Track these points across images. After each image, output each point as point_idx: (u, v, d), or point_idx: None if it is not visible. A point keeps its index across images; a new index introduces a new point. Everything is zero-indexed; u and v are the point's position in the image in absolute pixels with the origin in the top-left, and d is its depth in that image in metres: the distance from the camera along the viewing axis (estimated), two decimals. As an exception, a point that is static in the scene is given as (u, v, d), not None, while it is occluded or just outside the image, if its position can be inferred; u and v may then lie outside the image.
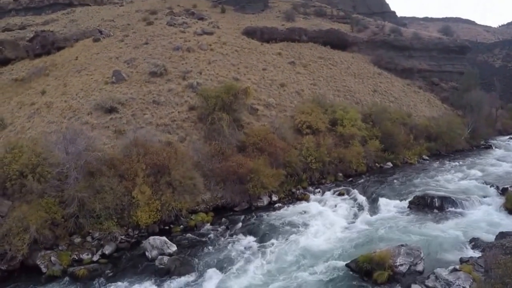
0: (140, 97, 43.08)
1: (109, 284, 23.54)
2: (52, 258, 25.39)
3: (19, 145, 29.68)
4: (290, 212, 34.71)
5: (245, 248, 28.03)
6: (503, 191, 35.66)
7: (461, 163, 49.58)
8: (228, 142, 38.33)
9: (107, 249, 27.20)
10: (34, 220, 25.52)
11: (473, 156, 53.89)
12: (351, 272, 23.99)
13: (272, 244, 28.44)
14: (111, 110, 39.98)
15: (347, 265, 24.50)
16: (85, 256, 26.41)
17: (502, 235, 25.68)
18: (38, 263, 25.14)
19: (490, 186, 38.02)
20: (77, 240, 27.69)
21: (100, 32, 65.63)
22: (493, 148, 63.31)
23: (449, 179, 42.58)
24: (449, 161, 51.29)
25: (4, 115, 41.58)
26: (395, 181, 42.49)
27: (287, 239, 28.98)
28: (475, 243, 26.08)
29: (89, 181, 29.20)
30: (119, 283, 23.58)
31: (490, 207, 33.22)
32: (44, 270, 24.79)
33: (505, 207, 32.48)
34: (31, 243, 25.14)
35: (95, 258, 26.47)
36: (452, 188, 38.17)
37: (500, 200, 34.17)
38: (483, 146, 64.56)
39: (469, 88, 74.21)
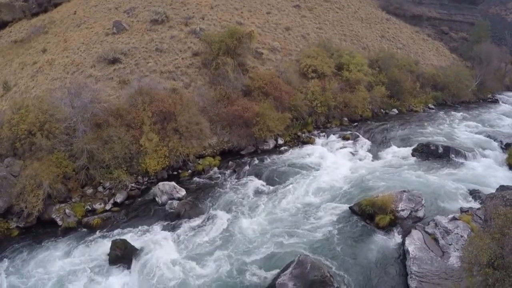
0: (143, 46, 42.37)
1: (123, 230, 24.59)
2: (67, 211, 26.19)
3: (25, 105, 29.67)
4: (295, 155, 35.51)
5: (252, 190, 28.99)
6: (506, 146, 36.09)
7: (466, 114, 49.50)
8: (233, 87, 38.42)
9: (119, 198, 28.03)
10: (46, 175, 26.10)
11: (479, 109, 53.73)
12: (354, 215, 24.98)
13: (278, 186, 29.39)
14: (114, 61, 39.54)
15: (350, 208, 25.44)
16: (98, 206, 27.21)
17: (502, 188, 26.00)
18: (54, 216, 25.97)
19: (494, 140, 38.16)
20: (89, 191, 28.45)
21: (97, -17, 63.20)
22: (500, 102, 62.74)
23: (453, 129, 42.77)
24: (455, 111, 51.17)
25: (7, 77, 41.18)
26: (400, 127, 42.72)
27: (292, 182, 29.88)
28: (475, 194, 26.66)
29: (97, 132, 29.63)
30: (132, 229, 24.64)
31: (492, 161, 33.52)
32: (59, 223, 25.64)
33: (507, 162, 32.86)
34: (45, 198, 25.89)
35: (107, 207, 27.36)
36: (456, 139, 38.46)
37: (503, 154, 34.58)
38: (489, 100, 63.96)
39: (479, 40, 72.41)
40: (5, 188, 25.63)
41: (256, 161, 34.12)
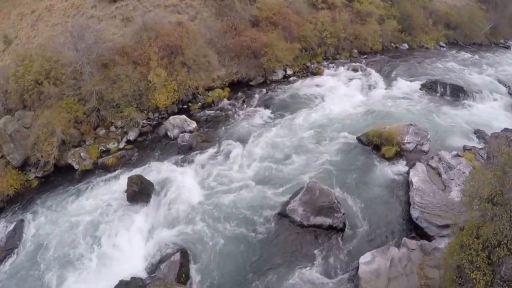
0: (144, -20, 40.57)
1: (138, 166, 25.57)
2: (82, 154, 26.82)
3: (28, 55, 29.10)
4: (304, 85, 35.65)
5: (261, 120, 29.79)
6: (514, 92, 35.47)
7: (477, 56, 47.77)
8: (241, 17, 37.49)
9: (131, 135, 28.69)
10: (58, 122, 26.39)
11: (490, 53, 51.56)
12: (361, 145, 25.83)
13: (287, 116, 30.11)
14: (115, -1, 37.98)
15: (358, 138, 26.26)
16: (111, 146, 27.86)
17: (507, 130, 26.27)
18: (70, 161, 26.62)
19: (503, 85, 37.25)
20: (102, 132, 28.94)
21: None
22: (511, 49, 60.14)
23: (463, 69, 41.46)
24: (465, 52, 49.41)
25: (6, 31, 39.36)
26: (409, 62, 41.93)
27: (302, 111, 30.56)
28: (479, 134, 26.98)
29: (104, 73, 29.50)
30: (147, 164, 25.64)
31: (498, 105, 33.19)
32: (76, 167, 26.33)
33: (513, 108, 32.63)
34: (60, 145, 26.39)
35: (121, 146, 28.04)
36: (464, 79, 37.61)
37: (510, 99, 34.11)
38: (501, 45, 60.88)
39: (496, -17, 67.56)
40: (19, 141, 26.00)
41: (265, 92, 34.43)
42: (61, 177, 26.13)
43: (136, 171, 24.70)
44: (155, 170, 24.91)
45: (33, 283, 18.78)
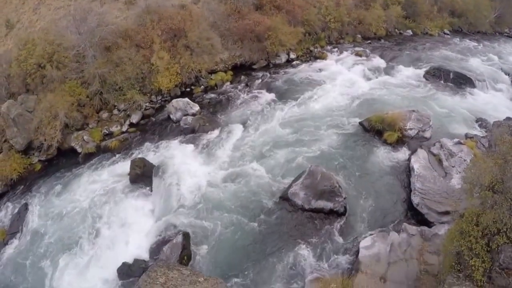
0: (146, -37, 39.96)
1: (141, 149, 25.75)
2: (85, 137, 26.93)
3: (30, 39, 29.00)
4: (307, 69, 35.54)
5: (264, 103, 29.69)
6: (518, 81, 35.04)
7: (481, 45, 47.32)
8: (244, 1, 37.28)
9: (134, 118, 28.78)
10: (61, 105, 26.40)
11: (494, 41, 51.03)
12: (363, 130, 25.79)
13: (290, 100, 30.06)
14: (118, -18, 37.51)
15: (360, 123, 26.20)
16: (114, 129, 28.03)
17: (508, 119, 26.05)
18: (73, 145, 26.74)
19: (506, 74, 36.81)
20: (105, 115, 29.03)
21: None
22: None
23: (466, 57, 40.97)
24: (470, 40, 49.11)
25: (9, 15, 39.02)
26: (413, 49, 41.66)
27: (304, 96, 30.48)
28: (481, 123, 26.91)
29: (107, 56, 29.46)
30: (150, 147, 25.84)
31: (502, 94, 32.99)
32: (79, 150, 26.48)
33: (516, 97, 32.26)
34: (63, 128, 26.46)
35: (124, 129, 28.16)
36: (468, 67, 37.15)
37: None
38: (506, 35, 60.23)
39: (503, -30, 66.43)
40: (22, 125, 26.01)
41: (268, 75, 34.41)
42: (64, 160, 26.28)
43: (139, 154, 24.93)
44: (157, 153, 25.06)
45: (36, 267, 19.03)
